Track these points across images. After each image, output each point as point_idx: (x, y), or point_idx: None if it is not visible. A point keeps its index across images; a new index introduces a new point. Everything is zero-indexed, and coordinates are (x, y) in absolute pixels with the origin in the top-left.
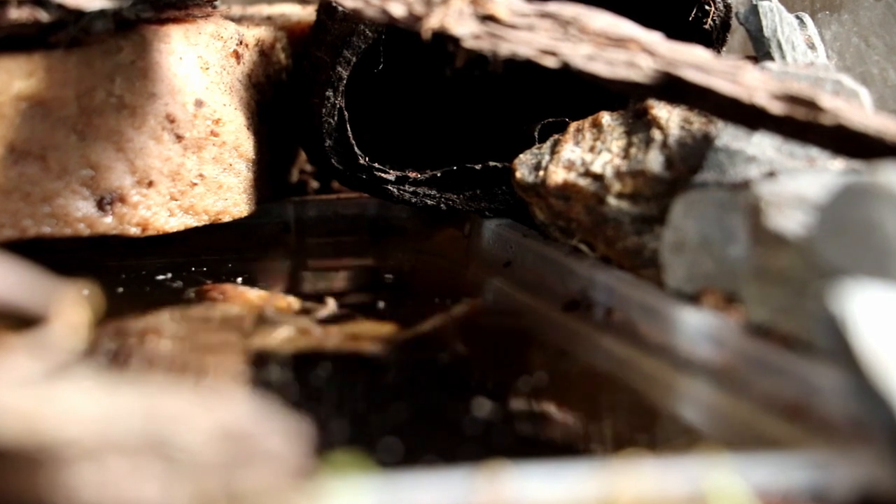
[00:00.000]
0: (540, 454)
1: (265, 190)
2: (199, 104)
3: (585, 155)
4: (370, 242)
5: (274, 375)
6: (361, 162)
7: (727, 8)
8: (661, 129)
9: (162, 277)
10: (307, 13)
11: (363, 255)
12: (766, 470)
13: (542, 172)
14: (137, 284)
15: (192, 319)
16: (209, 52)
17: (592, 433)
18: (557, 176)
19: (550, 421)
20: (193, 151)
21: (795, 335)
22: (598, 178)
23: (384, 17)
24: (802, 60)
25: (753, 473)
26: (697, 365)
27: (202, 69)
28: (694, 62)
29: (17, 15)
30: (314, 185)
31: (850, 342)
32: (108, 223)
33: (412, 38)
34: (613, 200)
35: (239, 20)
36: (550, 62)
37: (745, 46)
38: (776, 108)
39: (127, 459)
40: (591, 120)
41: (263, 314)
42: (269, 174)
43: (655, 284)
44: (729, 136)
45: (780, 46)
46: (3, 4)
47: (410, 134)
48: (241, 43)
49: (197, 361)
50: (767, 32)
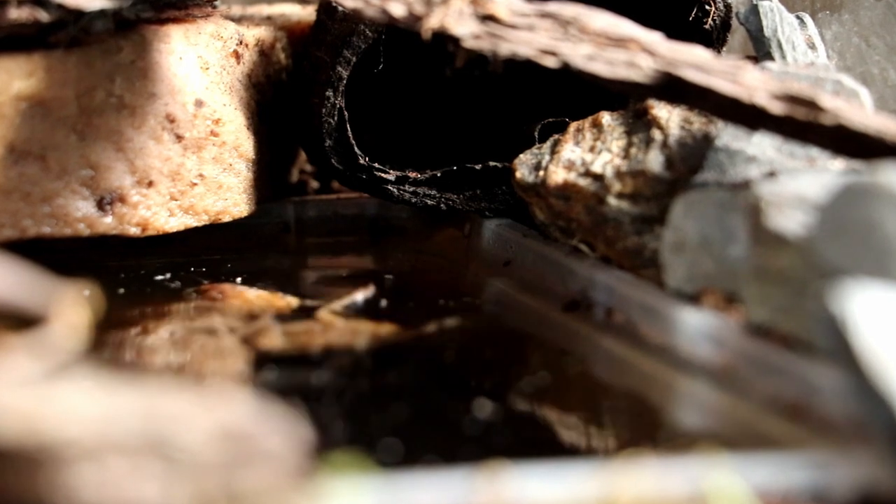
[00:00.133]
0: (540, 454)
1: (265, 190)
2: (199, 104)
3: (585, 155)
4: (370, 242)
5: (273, 375)
6: (361, 162)
7: (727, 8)
8: (661, 129)
9: (161, 277)
10: (307, 13)
11: (363, 255)
12: (766, 470)
13: (542, 172)
14: (137, 284)
15: (191, 319)
16: (209, 52)
17: (592, 433)
18: (557, 176)
19: (551, 421)
20: (193, 151)
21: (795, 335)
22: (598, 178)
23: (384, 17)
24: (803, 60)
25: (753, 473)
26: (697, 365)
27: (202, 69)
28: (694, 62)
29: (16, 15)
30: (314, 185)
31: (850, 342)
32: (108, 223)
33: (412, 38)
34: (613, 200)
35: (239, 20)
36: (550, 62)
37: (745, 46)
38: (776, 108)
39: (127, 459)
40: (591, 120)
41: (262, 314)
42: (269, 174)
43: (655, 284)
44: (729, 136)
45: (780, 46)
46: (3, 4)
47: (410, 134)
48: (241, 43)
49: (197, 361)
50: (768, 32)
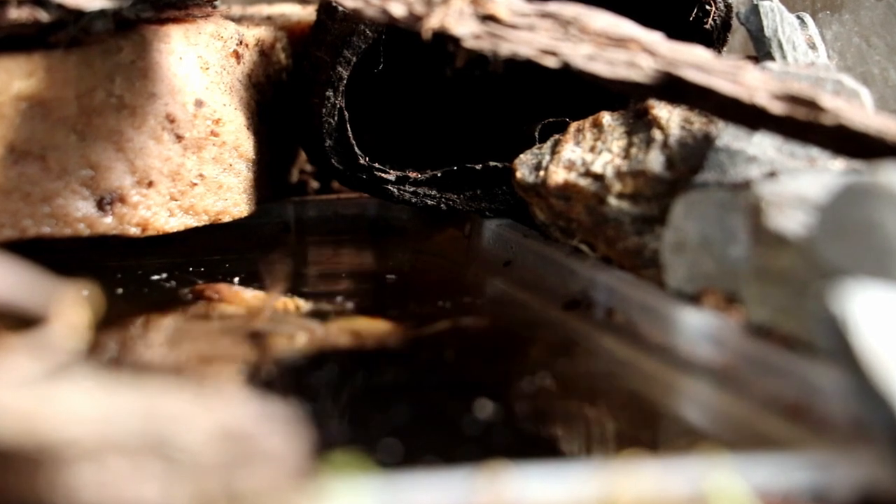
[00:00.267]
0: (541, 454)
1: (265, 190)
2: (199, 104)
3: (586, 155)
4: (370, 242)
5: (273, 375)
6: (361, 162)
7: (728, 8)
8: (661, 129)
9: (160, 277)
10: (307, 13)
11: (363, 255)
12: (766, 470)
13: (542, 172)
14: (137, 284)
15: (190, 319)
16: (209, 52)
17: (593, 433)
18: (558, 176)
19: (551, 421)
20: (193, 151)
21: (796, 335)
22: (598, 178)
23: (384, 17)
24: (803, 60)
25: (754, 474)
26: (698, 365)
27: (202, 69)
28: (694, 62)
29: (16, 15)
30: (314, 185)
31: (850, 342)
32: (107, 223)
33: (412, 38)
34: (614, 200)
35: (239, 20)
36: (551, 62)
37: (745, 46)
38: (777, 108)
39: (127, 459)
40: (591, 120)
41: (261, 313)
42: (269, 174)
43: (656, 285)
44: (730, 136)
45: (780, 46)
46: (3, 4)
47: (410, 134)
48: (241, 43)
49: (196, 361)
50: (768, 32)
